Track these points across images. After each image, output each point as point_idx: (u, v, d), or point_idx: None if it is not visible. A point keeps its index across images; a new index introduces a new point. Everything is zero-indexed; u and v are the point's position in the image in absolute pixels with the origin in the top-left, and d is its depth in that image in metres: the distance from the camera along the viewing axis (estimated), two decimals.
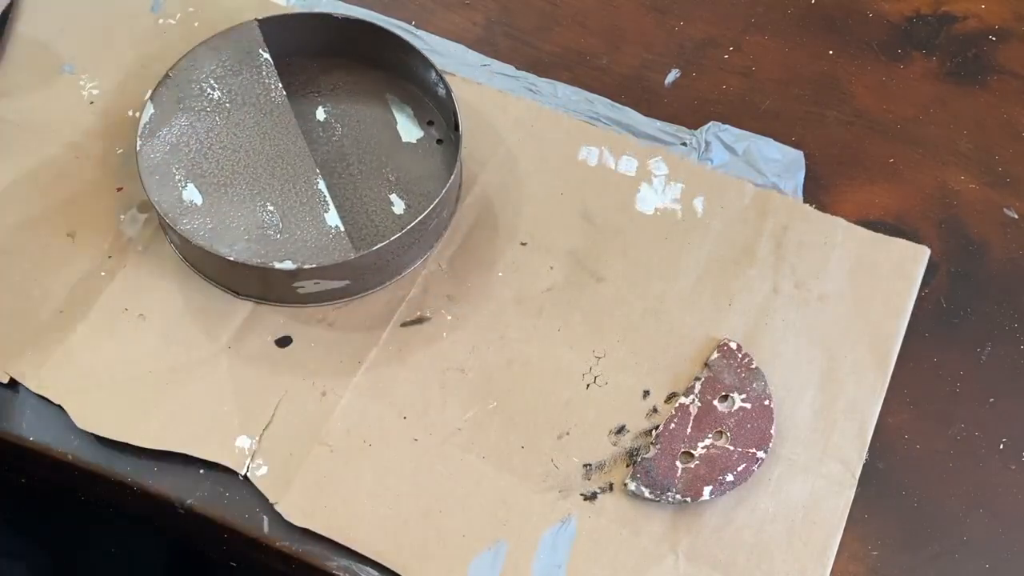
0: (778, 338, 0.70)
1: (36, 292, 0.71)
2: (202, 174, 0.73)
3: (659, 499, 0.64)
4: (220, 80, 0.75)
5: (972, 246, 0.75)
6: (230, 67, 0.76)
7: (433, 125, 0.78)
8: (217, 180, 0.73)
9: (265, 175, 0.73)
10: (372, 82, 0.79)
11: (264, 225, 0.71)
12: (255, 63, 0.76)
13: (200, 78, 0.75)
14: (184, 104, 0.74)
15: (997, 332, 0.72)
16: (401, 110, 0.78)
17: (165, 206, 0.71)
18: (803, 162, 0.78)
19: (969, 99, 0.82)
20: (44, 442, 0.67)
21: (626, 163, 0.77)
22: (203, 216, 0.71)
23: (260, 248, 0.70)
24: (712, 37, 0.85)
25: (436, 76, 0.75)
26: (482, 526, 0.64)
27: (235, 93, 0.75)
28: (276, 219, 0.71)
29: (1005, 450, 0.68)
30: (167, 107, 0.74)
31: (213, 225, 0.71)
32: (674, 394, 0.68)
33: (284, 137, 0.74)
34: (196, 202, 0.71)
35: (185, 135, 0.74)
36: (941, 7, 0.87)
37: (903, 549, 0.65)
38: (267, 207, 0.72)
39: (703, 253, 0.73)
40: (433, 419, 0.67)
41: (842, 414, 0.68)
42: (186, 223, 0.71)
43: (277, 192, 0.72)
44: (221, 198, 0.72)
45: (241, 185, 0.73)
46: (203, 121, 0.74)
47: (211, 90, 0.75)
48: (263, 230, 0.71)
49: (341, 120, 0.78)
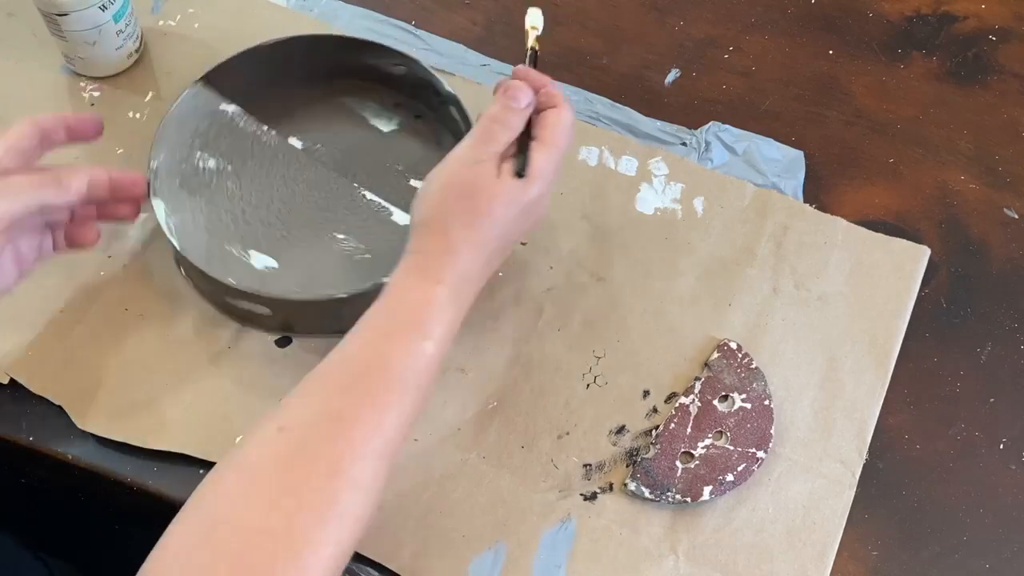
0: (778, 338, 0.70)
1: (36, 292, 0.70)
2: (257, 239, 0.71)
3: (659, 499, 0.64)
4: (206, 148, 0.73)
5: (972, 246, 0.75)
6: (205, 132, 0.74)
7: (402, 106, 0.77)
8: (274, 237, 0.71)
9: (311, 209, 0.72)
10: (323, 93, 0.78)
11: (348, 253, 0.70)
12: (226, 119, 0.75)
13: (184, 157, 0.73)
14: (187, 187, 0.72)
15: (997, 332, 0.72)
16: (364, 107, 0.78)
17: (248, 283, 0.68)
18: (803, 162, 0.78)
19: (969, 99, 0.82)
20: (44, 442, 0.66)
21: (626, 163, 0.77)
22: (287, 274, 0.70)
23: (361, 274, 0.69)
24: (712, 37, 0.85)
25: (393, 56, 0.74)
26: (482, 526, 0.64)
27: (229, 153, 0.74)
28: (353, 243, 0.71)
29: (1005, 450, 0.68)
30: (174, 197, 0.71)
31: (303, 279, 0.70)
32: (674, 394, 0.68)
33: (302, 169, 0.74)
34: (272, 266, 0.70)
35: (213, 214, 0.72)
36: (941, 7, 0.87)
37: (903, 549, 0.65)
38: (337, 237, 0.71)
39: (703, 253, 0.73)
40: (433, 419, 0.67)
41: (842, 414, 0.68)
42: (279, 289, 0.68)
43: (335, 219, 0.72)
44: (291, 250, 0.71)
45: (299, 230, 0.72)
46: (218, 193, 0.73)
47: (203, 162, 0.73)
48: (350, 257, 0.70)
49: (317, 140, 0.76)
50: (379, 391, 0.54)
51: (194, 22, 0.83)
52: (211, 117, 0.74)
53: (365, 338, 0.56)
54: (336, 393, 0.53)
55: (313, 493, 0.50)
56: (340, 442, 0.51)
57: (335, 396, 0.53)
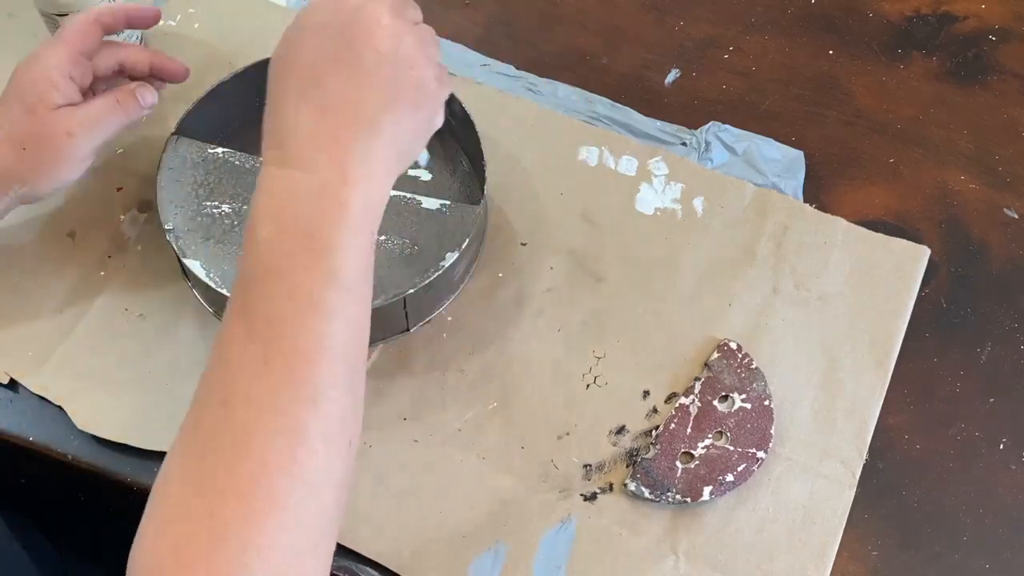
0: (778, 338, 0.70)
1: (36, 292, 0.70)
2: None
3: (659, 500, 0.64)
4: (212, 196, 0.72)
5: (972, 246, 0.75)
6: (204, 182, 0.72)
7: None
8: None
9: None
10: None
11: (395, 250, 0.70)
12: (219, 162, 0.73)
13: (196, 210, 0.71)
14: (213, 237, 0.70)
15: (997, 332, 0.72)
16: None
17: None
18: (803, 162, 0.78)
19: (969, 99, 0.82)
20: (44, 442, 0.67)
21: (626, 163, 0.77)
22: None
23: (417, 267, 0.69)
24: (712, 37, 0.85)
25: None
26: (482, 526, 0.64)
27: (238, 194, 0.72)
28: (396, 240, 0.70)
29: (1005, 450, 0.68)
30: (205, 252, 0.70)
31: None
32: (674, 394, 0.68)
33: None
34: None
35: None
36: (941, 7, 0.87)
37: (903, 549, 0.65)
38: (378, 239, 0.71)
39: (703, 253, 0.73)
40: (433, 420, 0.67)
41: (842, 414, 0.68)
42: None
43: None
44: None
45: None
46: (237, 236, 0.71)
47: (216, 209, 0.71)
48: (399, 254, 0.70)
49: None
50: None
51: (194, 22, 0.83)
52: (204, 165, 0.73)
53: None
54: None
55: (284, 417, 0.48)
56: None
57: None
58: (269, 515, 0.45)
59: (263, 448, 0.46)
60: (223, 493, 0.45)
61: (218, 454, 0.47)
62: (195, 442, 0.48)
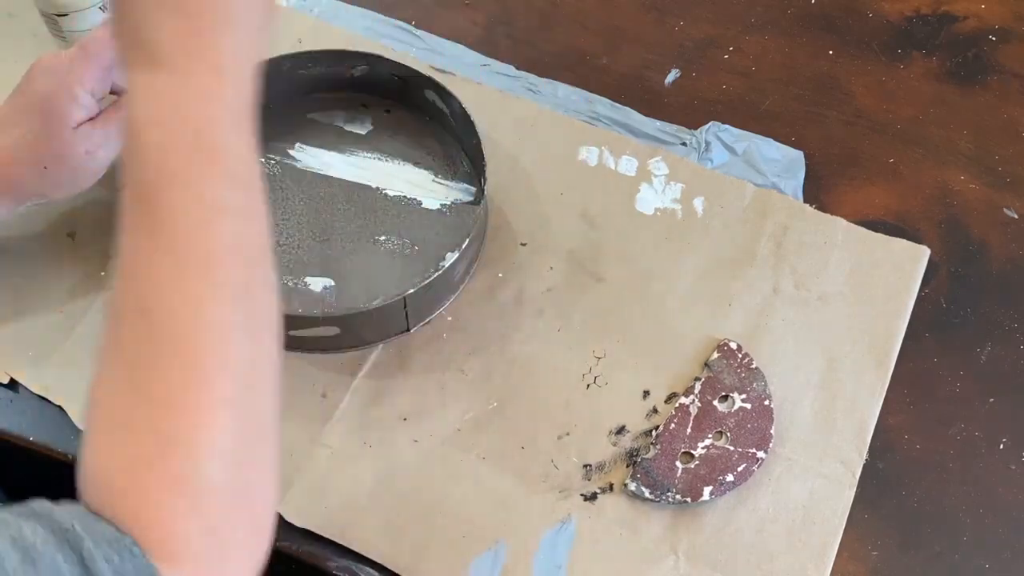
0: (778, 338, 0.70)
1: (36, 292, 0.70)
2: (305, 264, 0.71)
3: (659, 500, 0.64)
4: None
5: (972, 246, 0.75)
6: None
7: (369, 106, 0.78)
8: (326, 257, 0.71)
9: (343, 221, 0.73)
10: (288, 117, 0.77)
11: (395, 251, 0.71)
12: None
13: None
14: None
15: (997, 332, 0.72)
16: (334, 118, 0.78)
17: (308, 306, 0.69)
18: (803, 162, 0.78)
19: (969, 99, 0.82)
20: (44, 442, 0.67)
21: (626, 163, 0.77)
22: (347, 288, 0.70)
23: (417, 267, 0.69)
24: (712, 37, 0.85)
25: (351, 59, 0.74)
26: (482, 526, 0.64)
27: None
28: (396, 240, 0.71)
29: (1005, 450, 0.68)
30: None
31: (363, 289, 0.70)
32: (674, 394, 0.68)
33: (315, 186, 0.74)
34: (329, 284, 0.70)
35: None
36: (941, 7, 0.87)
37: (903, 549, 0.65)
38: (379, 239, 0.72)
39: (703, 253, 0.73)
40: (433, 420, 0.67)
41: (842, 414, 0.68)
42: (347, 303, 0.69)
43: (370, 224, 0.72)
44: (343, 265, 0.71)
45: (341, 244, 0.72)
46: None
47: None
48: (399, 254, 0.70)
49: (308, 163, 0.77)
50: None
51: None
52: None
53: None
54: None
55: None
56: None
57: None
58: (211, 413, 0.46)
59: (195, 353, 0.47)
60: (162, 400, 0.46)
61: (150, 364, 0.47)
62: (122, 355, 0.47)
